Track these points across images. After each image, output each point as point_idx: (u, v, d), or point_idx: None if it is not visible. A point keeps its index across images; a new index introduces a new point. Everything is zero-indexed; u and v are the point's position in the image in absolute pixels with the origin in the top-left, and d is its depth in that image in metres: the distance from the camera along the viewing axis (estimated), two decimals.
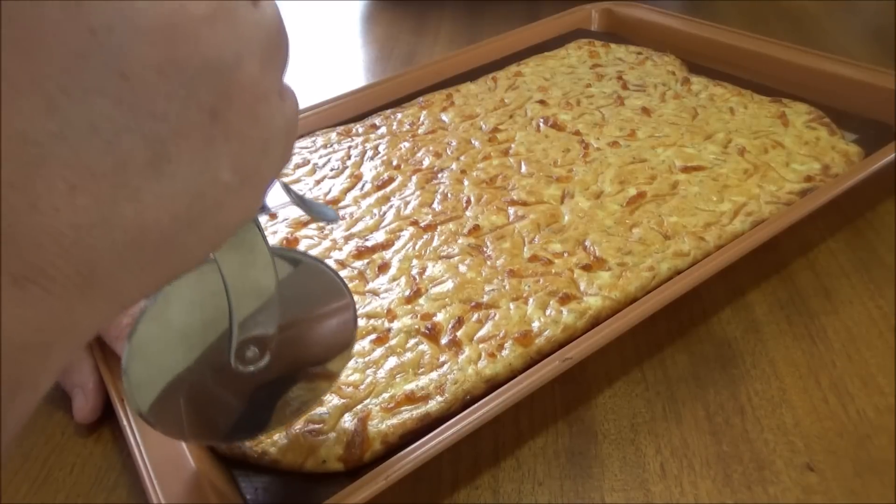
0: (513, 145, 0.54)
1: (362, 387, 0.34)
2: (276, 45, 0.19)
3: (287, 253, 0.28)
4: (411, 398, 0.34)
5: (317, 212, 0.28)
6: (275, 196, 0.24)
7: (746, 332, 0.41)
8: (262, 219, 0.43)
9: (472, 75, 0.65)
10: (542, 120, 0.57)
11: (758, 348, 0.40)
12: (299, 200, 0.27)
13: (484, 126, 0.57)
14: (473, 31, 0.82)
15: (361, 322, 0.38)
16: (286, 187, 0.27)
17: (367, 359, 0.36)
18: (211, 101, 0.17)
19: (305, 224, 0.46)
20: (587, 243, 0.43)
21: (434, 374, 0.35)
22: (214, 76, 0.17)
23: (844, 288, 0.44)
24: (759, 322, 0.42)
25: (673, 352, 0.40)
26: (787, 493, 0.32)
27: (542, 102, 0.59)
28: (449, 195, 0.49)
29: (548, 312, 0.38)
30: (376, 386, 0.35)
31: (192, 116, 0.17)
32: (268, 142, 0.19)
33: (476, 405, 0.32)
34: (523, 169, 0.51)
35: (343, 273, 0.42)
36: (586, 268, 0.41)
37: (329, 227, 0.45)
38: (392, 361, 0.36)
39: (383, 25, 0.87)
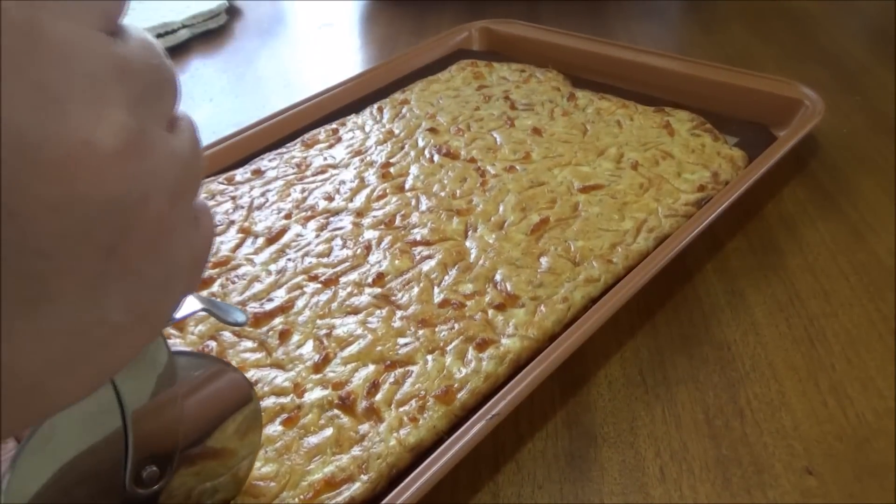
0: (408, 179, 0.52)
1: (276, 479, 0.31)
2: (191, 174, 0.17)
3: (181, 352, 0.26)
4: (331, 483, 0.31)
5: (228, 315, 0.27)
6: (185, 305, 0.21)
7: (746, 335, 0.41)
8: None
9: (355, 107, 0.63)
10: (434, 149, 0.55)
11: (757, 351, 0.40)
12: (210, 306, 0.25)
13: (376, 160, 0.55)
14: None
15: (269, 401, 0.35)
16: (196, 294, 0.24)
17: (278, 444, 0.33)
18: (108, 239, 0.15)
19: None
20: (497, 279, 0.42)
21: (356, 450, 0.32)
22: (116, 214, 0.15)
23: (844, 290, 0.44)
24: (759, 324, 0.42)
25: (672, 354, 0.40)
26: (786, 496, 0.32)
27: (432, 130, 0.58)
28: (348, 241, 0.46)
29: (467, 361, 0.36)
30: (292, 475, 0.31)
31: (83, 254, 0.15)
32: (169, 277, 0.17)
33: (405, 482, 0.30)
34: (422, 204, 0.49)
35: (242, 345, 0.38)
36: (500, 307, 0.40)
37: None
38: (307, 442, 0.33)
39: (383, 25, 0.86)
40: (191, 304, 0.25)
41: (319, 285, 0.42)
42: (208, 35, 0.84)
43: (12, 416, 0.16)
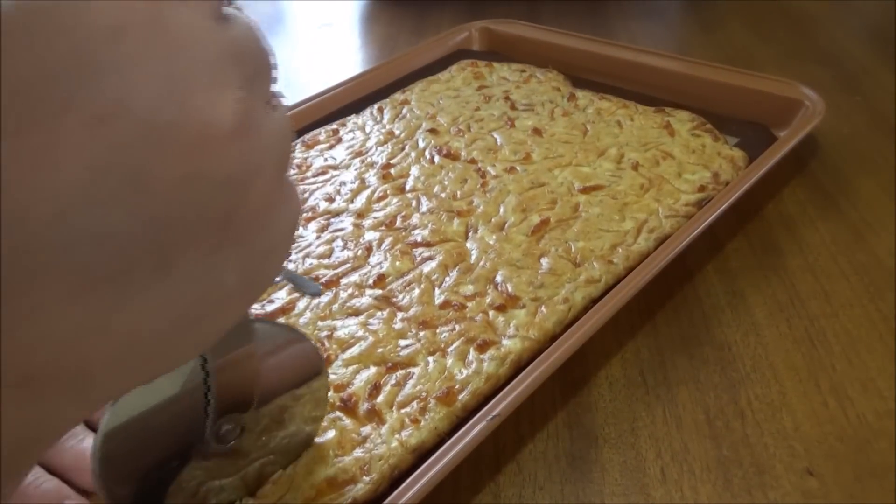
0: (409, 181, 0.52)
1: (279, 481, 0.31)
2: (287, 150, 0.19)
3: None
4: (334, 485, 0.31)
5: (306, 287, 0.30)
6: None
7: (746, 335, 0.41)
8: None
9: (356, 107, 0.63)
10: (435, 150, 0.55)
11: (758, 351, 0.40)
12: (289, 277, 0.27)
13: (376, 161, 0.55)
14: None
15: None
16: None
17: None
18: (224, 211, 0.17)
19: None
20: (498, 280, 0.42)
21: (358, 452, 0.32)
22: (231, 188, 0.17)
23: (844, 290, 0.44)
24: (759, 325, 0.42)
25: (673, 355, 0.40)
26: (787, 497, 0.32)
27: (432, 131, 0.58)
28: (349, 243, 0.46)
29: (468, 362, 0.36)
30: (295, 477, 0.31)
31: (203, 224, 0.16)
32: (274, 246, 0.19)
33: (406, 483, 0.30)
34: (423, 206, 0.49)
35: None
36: (500, 308, 0.40)
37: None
38: None
39: (383, 25, 0.87)
40: None
41: (320, 287, 0.42)
42: None
43: (144, 369, 0.18)
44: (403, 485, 0.30)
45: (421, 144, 0.56)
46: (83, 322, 0.15)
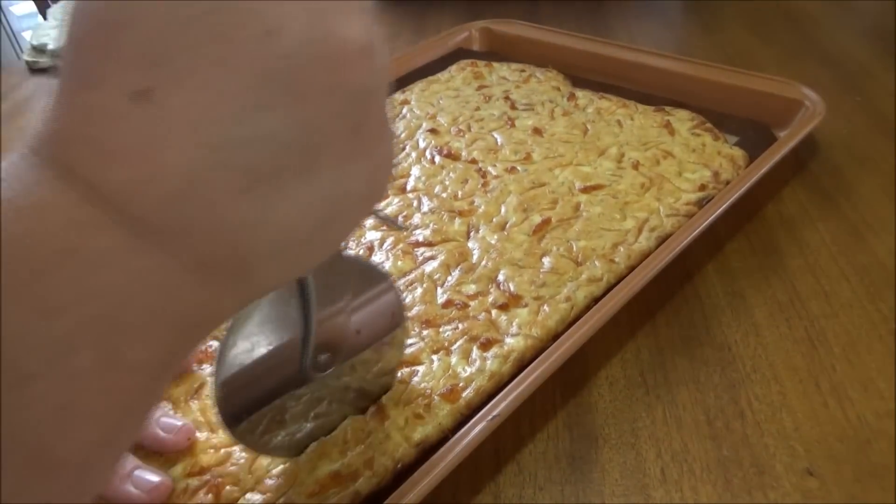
0: (409, 181, 0.52)
1: (283, 475, 0.31)
2: (388, 84, 0.21)
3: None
4: (338, 479, 0.31)
5: (392, 222, 0.35)
6: None
7: (746, 336, 0.41)
8: None
9: None
10: (435, 150, 0.55)
11: (758, 352, 0.40)
12: (379, 213, 0.30)
13: None
14: None
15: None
16: None
17: None
18: (356, 120, 0.19)
19: None
20: (500, 279, 0.42)
21: (362, 448, 0.32)
22: (363, 99, 0.19)
23: (844, 291, 0.44)
24: (759, 325, 0.42)
25: (673, 355, 0.40)
26: (787, 497, 0.32)
27: (433, 131, 0.58)
28: (350, 243, 0.46)
29: (471, 360, 0.37)
30: (300, 472, 0.32)
31: (341, 132, 0.19)
32: (386, 161, 0.22)
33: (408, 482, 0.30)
34: (424, 206, 0.49)
35: None
36: (503, 307, 0.40)
37: None
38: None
39: (383, 25, 0.85)
40: None
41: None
42: None
43: (290, 265, 0.20)
44: (403, 484, 0.30)
45: (421, 144, 0.57)
46: (247, 216, 0.18)
